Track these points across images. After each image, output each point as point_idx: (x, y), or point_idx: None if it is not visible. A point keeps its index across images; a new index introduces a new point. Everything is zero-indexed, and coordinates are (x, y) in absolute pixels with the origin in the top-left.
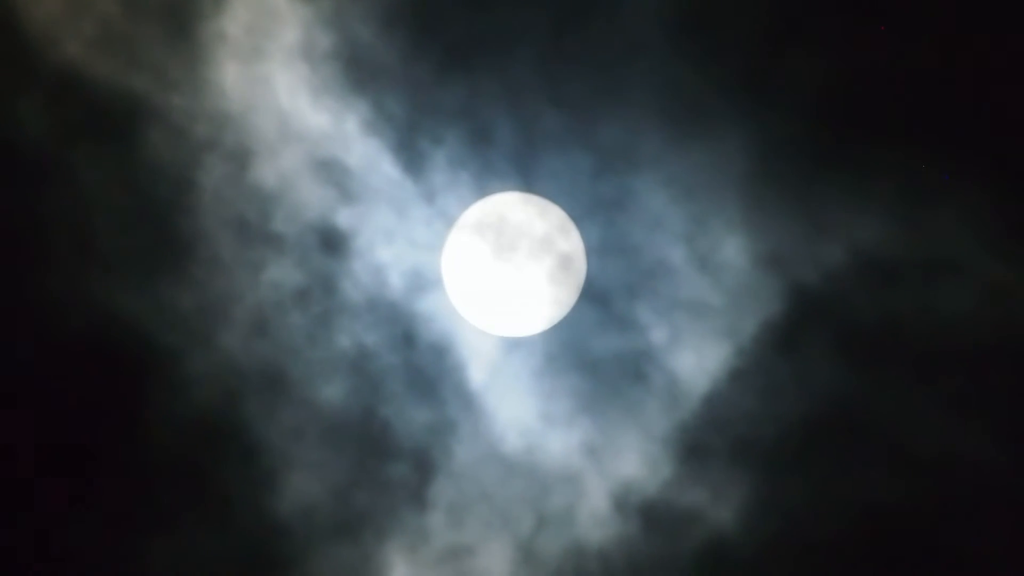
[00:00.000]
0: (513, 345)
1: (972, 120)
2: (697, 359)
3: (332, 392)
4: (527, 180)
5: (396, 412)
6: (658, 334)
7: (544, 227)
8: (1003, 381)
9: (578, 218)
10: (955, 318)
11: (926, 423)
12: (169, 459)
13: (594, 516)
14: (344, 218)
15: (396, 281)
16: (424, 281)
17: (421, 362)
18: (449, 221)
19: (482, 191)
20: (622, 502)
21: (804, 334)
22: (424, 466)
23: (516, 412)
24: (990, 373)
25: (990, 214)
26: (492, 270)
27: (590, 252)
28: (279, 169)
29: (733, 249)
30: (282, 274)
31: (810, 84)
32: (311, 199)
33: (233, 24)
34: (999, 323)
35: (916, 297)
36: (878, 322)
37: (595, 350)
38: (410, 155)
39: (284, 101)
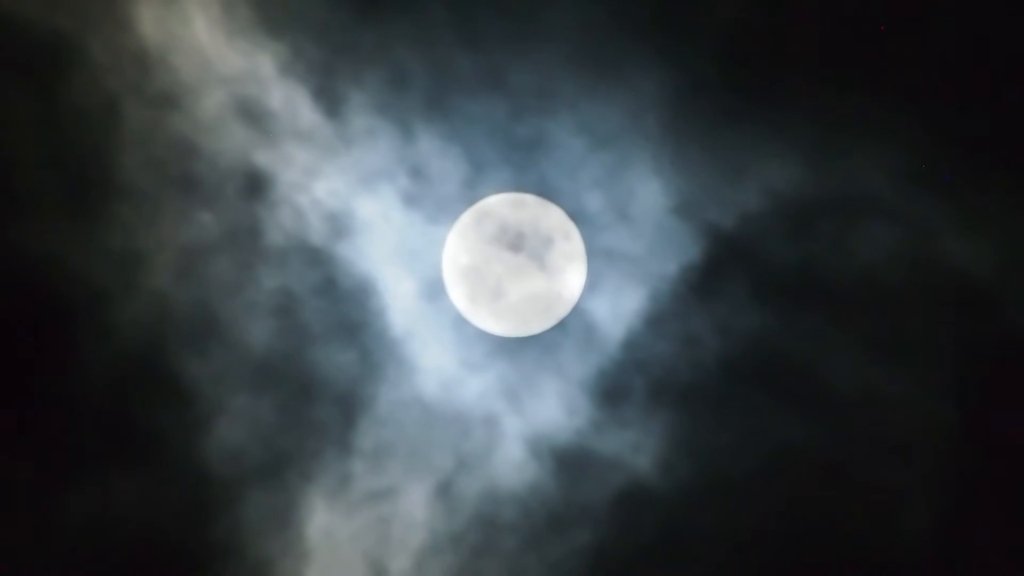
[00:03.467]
0: (433, 293)
1: (888, 61)
2: (615, 304)
3: (257, 336)
4: (445, 123)
5: (320, 357)
6: (575, 279)
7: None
8: (921, 321)
9: (498, 165)
10: (872, 259)
11: (844, 364)
12: (96, 403)
13: (512, 461)
14: (265, 161)
15: (318, 225)
16: (345, 225)
17: (344, 307)
18: (368, 165)
19: (402, 134)
20: (539, 447)
21: (722, 278)
22: (347, 410)
23: (436, 357)
24: (908, 314)
25: (906, 155)
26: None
27: (508, 200)
28: (200, 111)
29: (650, 194)
30: (205, 217)
31: (724, 28)
32: (232, 142)
33: None
34: (916, 264)
35: (833, 239)
36: (796, 265)
37: (512, 295)
38: (329, 98)
39: (204, 43)
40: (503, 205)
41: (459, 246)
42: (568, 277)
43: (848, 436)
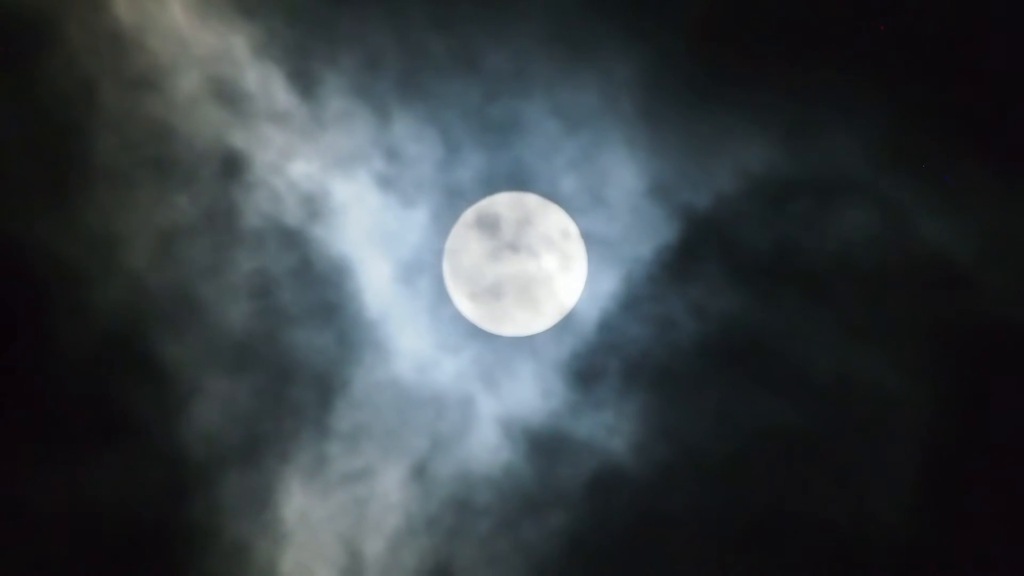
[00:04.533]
0: (409, 275)
1: (862, 42)
2: (590, 286)
3: (233, 318)
4: (420, 106)
5: (297, 339)
6: (550, 261)
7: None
8: (897, 304)
9: (466, 146)
10: (849, 240)
11: (820, 347)
12: (73, 384)
13: (487, 444)
14: (241, 143)
15: (294, 207)
16: (320, 208)
17: (320, 290)
18: (343, 147)
19: (377, 116)
20: (514, 430)
21: (697, 260)
22: (324, 392)
23: (412, 339)
24: (884, 296)
25: (881, 135)
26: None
27: (480, 181)
28: (175, 93)
29: (624, 176)
30: (181, 199)
31: (697, 8)
32: (208, 124)
33: None
34: (893, 245)
35: (809, 220)
36: (772, 246)
37: (489, 277)
38: (304, 80)
39: (179, 24)
40: (503, 205)
41: (460, 248)
42: (568, 281)
43: (824, 418)
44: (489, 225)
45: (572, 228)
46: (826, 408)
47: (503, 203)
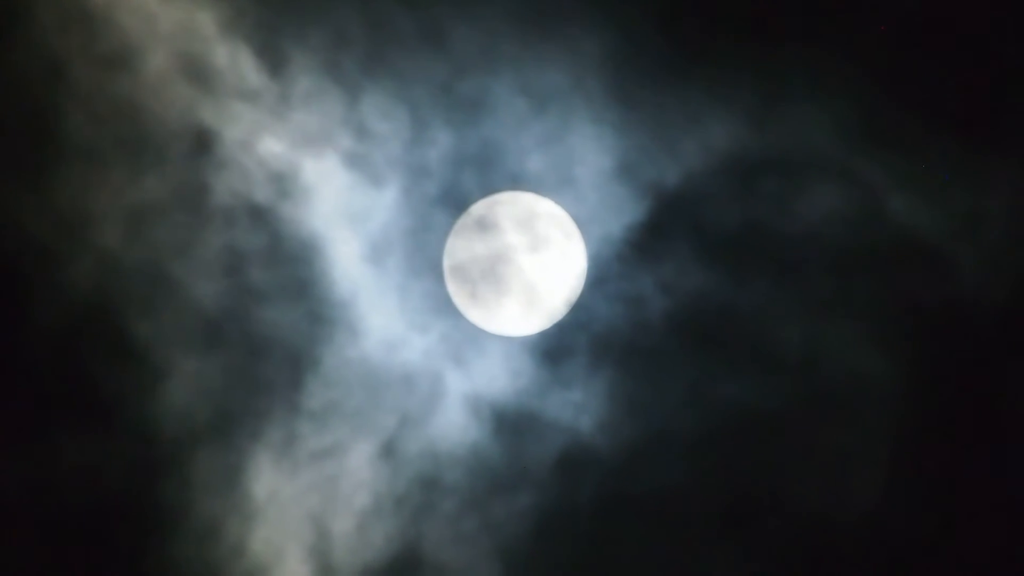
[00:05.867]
0: (377, 255)
1: (832, 18)
2: (557, 264)
3: (204, 296)
4: (387, 83)
5: (267, 317)
6: (518, 240)
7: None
8: (868, 281)
9: (434, 125)
10: (819, 217)
11: (790, 324)
12: (44, 363)
13: (455, 423)
14: (211, 121)
15: (263, 185)
16: (289, 186)
17: (290, 268)
18: (311, 125)
19: (344, 94)
20: (482, 408)
21: (666, 238)
22: (294, 370)
23: (381, 317)
24: (855, 273)
25: (852, 113)
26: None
27: (446, 161)
28: (145, 71)
29: (593, 154)
30: (152, 177)
31: None
32: (178, 102)
33: None
34: (864, 222)
35: (779, 197)
36: (741, 223)
37: (457, 255)
38: (272, 57)
39: (148, 0)
40: (500, 204)
41: (459, 247)
42: (565, 280)
43: (794, 397)
44: (487, 223)
45: (573, 228)
46: (796, 387)
47: (501, 200)
